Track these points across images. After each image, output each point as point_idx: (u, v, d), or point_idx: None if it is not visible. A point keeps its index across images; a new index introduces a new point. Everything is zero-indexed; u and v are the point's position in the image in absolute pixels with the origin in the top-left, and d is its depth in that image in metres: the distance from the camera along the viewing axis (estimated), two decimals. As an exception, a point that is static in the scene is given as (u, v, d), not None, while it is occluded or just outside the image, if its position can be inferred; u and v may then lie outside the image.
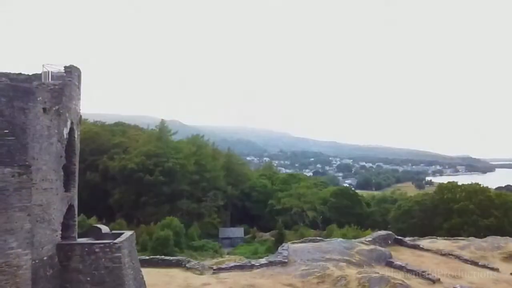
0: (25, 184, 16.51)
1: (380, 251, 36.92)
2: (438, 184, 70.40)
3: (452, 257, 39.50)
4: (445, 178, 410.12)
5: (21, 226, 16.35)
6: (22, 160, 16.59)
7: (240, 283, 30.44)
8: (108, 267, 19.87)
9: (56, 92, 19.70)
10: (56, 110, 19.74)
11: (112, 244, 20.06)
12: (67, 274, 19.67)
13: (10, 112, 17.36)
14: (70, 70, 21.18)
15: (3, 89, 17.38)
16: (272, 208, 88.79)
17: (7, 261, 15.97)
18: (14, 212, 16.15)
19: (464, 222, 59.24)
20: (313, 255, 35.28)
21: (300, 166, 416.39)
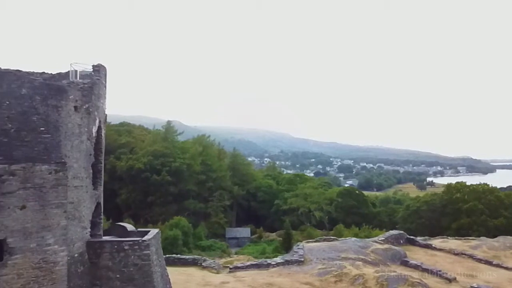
0: (61, 181, 16.65)
1: (395, 250, 37.07)
2: (447, 184, 70.50)
3: (465, 256, 39.66)
4: (446, 179, 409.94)
5: (58, 223, 16.49)
6: (58, 158, 16.75)
7: (258, 281, 30.58)
8: (137, 264, 20.00)
9: (86, 91, 19.87)
10: (86, 108, 19.91)
11: (141, 242, 20.19)
12: (97, 271, 19.82)
13: (44, 110, 17.52)
14: (98, 68, 21.37)
15: (38, 87, 17.54)
16: (278, 208, 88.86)
17: (44, 258, 16.12)
18: (51, 209, 16.30)
19: (473, 222, 59.32)
20: (329, 254, 35.42)
21: (301, 167, 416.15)
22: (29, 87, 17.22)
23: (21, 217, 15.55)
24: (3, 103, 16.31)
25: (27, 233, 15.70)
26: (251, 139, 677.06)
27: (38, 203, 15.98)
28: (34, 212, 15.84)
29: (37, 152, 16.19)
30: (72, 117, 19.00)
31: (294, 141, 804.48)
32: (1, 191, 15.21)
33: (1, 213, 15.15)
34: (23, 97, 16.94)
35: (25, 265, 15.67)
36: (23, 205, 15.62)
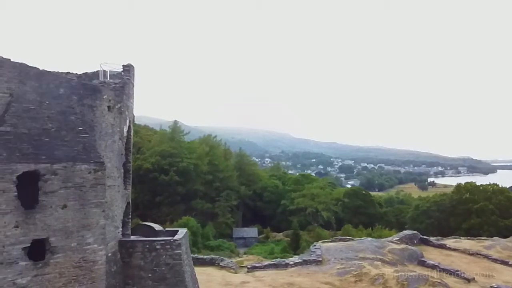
0: (100, 181, 16.72)
1: (412, 250, 37.16)
2: (456, 185, 70.51)
3: (480, 256, 39.74)
4: (447, 179, 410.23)
5: (97, 222, 16.56)
6: (97, 157, 16.81)
7: (279, 281, 30.65)
8: (168, 264, 20.06)
9: (117, 91, 19.96)
10: (118, 108, 20.01)
11: (172, 241, 20.25)
12: (129, 270, 19.89)
13: (80, 109, 17.61)
14: (128, 68, 21.45)
15: (75, 87, 17.62)
16: (285, 208, 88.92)
17: (84, 257, 16.18)
18: (91, 208, 16.36)
19: (483, 222, 59.37)
20: (346, 254, 35.49)
21: (302, 167, 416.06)
22: (66, 86, 17.30)
23: (62, 216, 15.62)
24: (43, 102, 16.37)
25: (68, 232, 15.77)
26: (252, 139, 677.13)
27: (78, 203, 16.04)
28: (74, 212, 15.91)
29: (76, 152, 16.25)
30: (106, 117, 19.10)
31: (295, 141, 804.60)
32: (44, 190, 15.29)
33: (44, 212, 15.22)
34: (61, 97, 17.00)
35: (66, 264, 15.74)
36: (65, 204, 15.68)
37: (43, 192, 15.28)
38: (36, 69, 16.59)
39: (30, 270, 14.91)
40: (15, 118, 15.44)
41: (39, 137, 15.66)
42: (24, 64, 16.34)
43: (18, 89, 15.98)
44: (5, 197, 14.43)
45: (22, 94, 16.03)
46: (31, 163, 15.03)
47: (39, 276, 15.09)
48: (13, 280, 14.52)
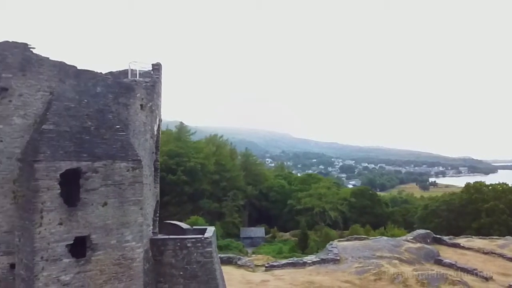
0: (138, 179, 16.82)
1: (428, 249, 37.30)
2: (466, 184, 70.63)
3: (495, 255, 39.83)
4: (448, 179, 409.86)
5: (135, 220, 16.65)
6: (134, 155, 16.90)
7: (298, 279, 30.76)
8: (199, 262, 20.15)
9: (148, 89, 20.05)
10: (150, 107, 20.12)
11: (203, 239, 20.35)
12: (161, 268, 19.98)
13: (116, 108, 17.71)
14: (157, 67, 21.56)
15: (111, 85, 17.73)
16: (291, 208, 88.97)
17: (123, 254, 16.27)
18: (129, 206, 16.45)
19: (494, 222, 59.50)
20: (363, 252, 35.59)
21: (303, 167, 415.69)
22: (103, 85, 17.41)
23: (103, 214, 15.71)
24: (82, 101, 16.48)
25: (108, 230, 15.86)
26: (252, 139, 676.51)
27: (118, 200, 16.14)
28: (114, 209, 16.00)
29: (115, 150, 16.34)
30: (139, 115, 19.22)
31: (295, 142, 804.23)
32: (85, 188, 15.38)
33: (85, 210, 15.31)
34: (98, 95, 17.11)
35: (107, 261, 15.82)
36: (105, 202, 15.78)
37: (84, 189, 15.37)
38: (75, 68, 16.71)
39: (73, 267, 15.01)
40: (56, 116, 15.55)
41: (80, 135, 15.76)
42: (63, 62, 16.46)
43: (58, 88, 16.11)
44: (49, 195, 14.54)
45: (62, 93, 16.15)
46: (73, 161, 15.13)
47: (81, 273, 15.19)
48: (58, 277, 14.62)
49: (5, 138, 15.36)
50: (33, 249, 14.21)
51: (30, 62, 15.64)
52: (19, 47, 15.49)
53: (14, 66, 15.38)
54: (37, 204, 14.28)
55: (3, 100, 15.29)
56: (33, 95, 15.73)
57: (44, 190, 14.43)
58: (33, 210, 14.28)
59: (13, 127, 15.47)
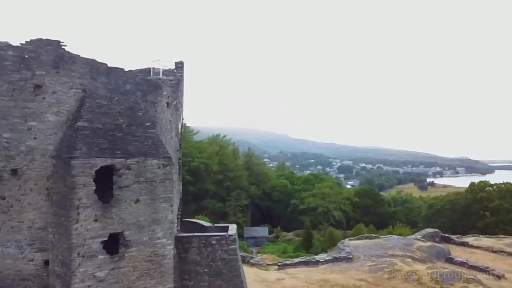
0: (169, 176, 16.91)
1: (439, 247, 37.49)
2: (470, 184, 70.96)
3: (504, 254, 40.11)
4: (446, 179, 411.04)
5: (166, 217, 16.74)
6: (165, 152, 16.98)
7: (313, 278, 30.87)
8: (224, 259, 20.19)
9: (173, 87, 20.15)
10: (175, 105, 20.22)
11: (227, 236, 20.38)
12: (186, 265, 20.00)
13: (144, 106, 17.81)
14: (181, 65, 21.65)
15: (139, 83, 17.82)
16: (295, 208, 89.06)
17: (155, 251, 16.36)
18: (160, 203, 16.55)
19: (499, 221, 59.87)
20: (375, 251, 35.75)
21: (301, 168, 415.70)
22: (132, 83, 17.50)
23: (135, 211, 15.80)
24: (113, 98, 16.55)
25: (140, 227, 15.95)
26: (250, 139, 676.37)
27: (149, 197, 16.23)
28: (146, 206, 16.09)
29: (147, 147, 16.42)
30: (165, 113, 19.33)
31: (293, 142, 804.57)
32: (119, 185, 15.46)
33: (119, 207, 15.39)
34: (128, 93, 17.20)
35: (139, 258, 15.91)
36: (137, 198, 15.87)
37: (117, 186, 15.45)
38: (105, 65, 16.79)
39: (108, 263, 15.09)
40: (90, 114, 15.63)
41: (113, 132, 15.84)
42: (94, 60, 16.54)
43: (90, 85, 16.20)
44: (85, 191, 14.62)
45: (94, 90, 16.23)
46: (108, 158, 15.21)
47: (115, 270, 15.27)
48: (93, 273, 14.70)
49: (39, 135, 15.43)
50: (70, 245, 14.29)
51: (63, 59, 15.71)
52: (52, 45, 15.56)
53: (48, 64, 15.46)
54: (73, 201, 14.36)
55: (37, 97, 15.37)
56: (66, 92, 15.80)
57: (81, 187, 14.51)
58: (70, 207, 14.35)
59: (46, 124, 15.54)
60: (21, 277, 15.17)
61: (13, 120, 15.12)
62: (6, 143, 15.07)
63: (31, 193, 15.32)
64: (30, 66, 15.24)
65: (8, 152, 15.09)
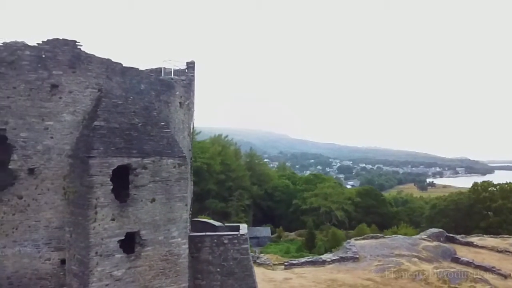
0: (183, 175, 16.97)
1: (445, 247, 37.58)
2: (473, 183, 71.13)
3: (509, 254, 40.23)
4: (445, 180, 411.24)
5: (181, 216, 16.79)
6: (180, 152, 17.04)
7: (321, 277, 30.95)
8: (236, 258, 20.29)
9: (185, 87, 20.22)
10: (187, 104, 20.29)
11: (239, 236, 20.48)
12: (198, 265, 20.08)
13: (158, 105, 17.86)
14: (192, 65, 21.70)
15: (153, 83, 17.88)
16: (297, 208, 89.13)
17: (170, 250, 16.40)
18: (175, 202, 16.59)
19: (502, 221, 60.02)
20: (381, 251, 35.83)
21: (301, 168, 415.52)
22: (146, 82, 17.57)
23: (151, 210, 15.84)
24: (128, 98, 16.61)
25: (156, 226, 15.99)
26: (250, 139, 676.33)
27: (165, 196, 16.27)
28: (161, 205, 16.14)
29: (162, 146, 16.47)
30: (178, 113, 19.40)
31: (293, 142, 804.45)
32: (135, 184, 15.51)
33: (135, 206, 15.44)
34: (142, 93, 17.26)
35: (155, 257, 15.96)
36: (153, 198, 15.92)
37: (134, 185, 15.50)
38: (121, 65, 16.85)
39: (125, 262, 15.14)
40: (106, 113, 15.68)
41: (129, 132, 15.90)
42: (109, 60, 16.59)
43: (105, 85, 16.25)
44: (103, 190, 14.67)
45: (109, 90, 16.29)
46: (124, 157, 15.27)
47: (132, 269, 15.32)
48: (110, 272, 14.75)
49: (55, 135, 15.48)
50: (88, 244, 14.33)
51: (80, 59, 15.76)
52: (69, 44, 15.61)
53: (64, 63, 15.51)
54: (91, 200, 14.41)
55: (53, 97, 15.41)
56: (82, 92, 15.85)
57: (98, 186, 14.56)
58: (88, 206, 14.40)
59: (63, 124, 15.59)
60: (38, 276, 15.22)
61: (30, 120, 15.17)
62: (23, 143, 15.12)
63: (48, 192, 15.37)
64: (47, 65, 15.29)
65: (25, 152, 15.13)
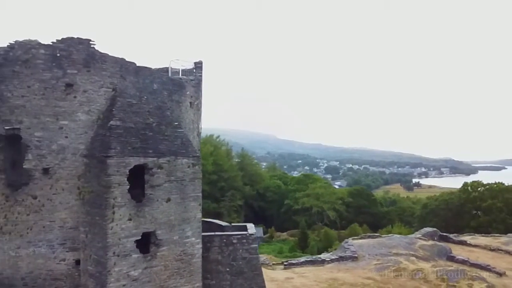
0: (197, 175, 17.01)
1: (441, 246, 38.15)
2: (463, 183, 72.34)
3: (502, 252, 41.03)
4: (431, 180, 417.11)
5: (195, 216, 16.80)
6: (194, 152, 17.06)
7: (322, 276, 31.16)
8: (245, 258, 20.32)
9: (195, 87, 20.21)
10: (196, 104, 20.27)
11: (248, 235, 20.52)
12: (207, 265, 20.01)
13: (170, 105, 17.85)
14: (200, 65, 21.67)
15: (166, 83, 17.87)
16: (289, 208, 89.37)
17: (184, 250, 16.42)
18: (190, 202, 16.61)
19: (492, 220, 61.17)
20: (379, 250, 36.24)
21: (288, 168, 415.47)
22: (159, 82, 17.54)
23: (167, 210, 15.83)
24: (142, 97, 16.56)
25: (171, 226, 15.99)
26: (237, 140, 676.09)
27: (180, 196, 16.28)
28: (176, 205, 16.14)
29: (177, 146, 16.46)
30: (189, 113, 19.40)
31: (280, 143, 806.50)
32: (150, 184, 15.48)
33: (151, 206, 15.41)
34: (155, 92, 17.23)
35: (170, 257, 15.95)
36: (168, 198, 15.91)
37: (149, 185, 15.47)
38: (134, 64, 16.81)
39: (141, 262, 15.11)
40: (121, 113, 15.62)
41: (144, 131, 15.86)
42: (123, 59, 16.53)
43: (120, 84, 16.19)
44: (120, 190, 14.62)
45: (124, 89, 16.22)
46: (141, 157, 15.23)
47: (148, 269, 15.29)
48: (128, 272, 14.70)
49: (70, 134, 15.36)
50: (106, 244, 14.25)
51: (94, 58, 15.67)
52: (83, 43, 15.51)
53: (79, 62, 15.41)
54: (109, 200, 14.34)
55: (68, 96, 15.30)
56: (97, 91, 15.77)
57: (116, 186, 14.50)
58: (105, 206, 14.32)
59: (78, 123, 15.48)
60: (53, 277, 15.07)
61: (44, 119, 15.04)
62: (37, 142, 14.97)
63: (62, 192, 15.24)
64: (62, 64, 15.18)
65: (39, 151, 14.99)
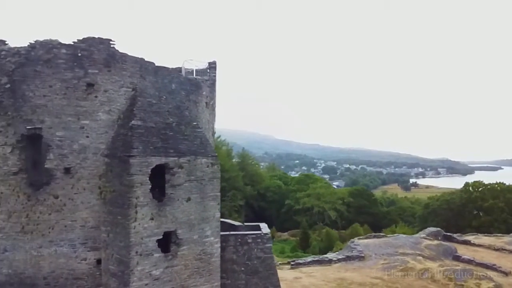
0: (216, 174, 17.06)
1: (446, 246, 38.32)
2: (465, 183, 72.69)
3: (506, 251, 41.19)
4: (428, 180, 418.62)
5: (213, 215, 16.87)
6: (212, 151, 17.14)
7: (329, 276, 31.25)
8: (260, 257, 20.39)
9: (210, 87, 20.29)
10: (212, 104, 20.35)
11: (263, 235, 20.60)
12: (223, 264, 20.00)
13: (188, 105, 17.90)
14: (214, 65, 21.74)
15: (183, 83, 17.93)
16: (289, 208, 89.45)
17: (203, 249, 16.48)
18: (209, 201, 16.68)
19: (493, 220, 61.46)
20: (386, 250, 36.36)
21: (286, 169, 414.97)
22: (177, 82, 17.60)
23: (187, 209, 15.89)
24: (161, 97, 16.61)
25: (191, 225, 16.05)
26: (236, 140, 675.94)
27: (199, 196, 16.34)
28: (196, 204, 16.21)
29: (196, 146, 16.52)
30: (205, 113, 19.48)
31: (277, 143, 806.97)
32: (171, 183, 15.53)
33: (172, 205, 15.47)
34: (173, 92, 17.28)
35: (190, 256, 16.01)
36: (188, 197, 15.97)
37: (170, 185, 15.53)
38: (153, 64, 16.86)
39: (163, 261, 15.16)
40: (142, 112, 15.67)
41: (164, 131, 15.91)
42: (143, 59, 16.58)
43: (139, 84, 16.23)
44: (142, 190, 14.67)
45: (144, 89, 16.27)
46: (162, 157, 15.28)
47: (169, 268, 15.34)
48: (150, 272, 14.75)
49: (91, 134, 15.39)
50: (128, 244, 14.29)
51: (115, 58, 15.71)
52: (104, 43, 15.55)
53: (100, 62, 15.44)
54: (132, 199, 14.38)
55: (89, 95, 15.34)
56: (117, 91, 15.80)
57: (138, 185, 14.55)
58: (128, 205, 14.36)
59: (98, 123, 15.51)
60: (75, 276, 15.10)
61: (66, 119, 15.07)
62: (59, 142, 15.00)
63: (84, 191, 15.27)
64: (83, 64, 15.21)
65: (61, 151, 15.02)
